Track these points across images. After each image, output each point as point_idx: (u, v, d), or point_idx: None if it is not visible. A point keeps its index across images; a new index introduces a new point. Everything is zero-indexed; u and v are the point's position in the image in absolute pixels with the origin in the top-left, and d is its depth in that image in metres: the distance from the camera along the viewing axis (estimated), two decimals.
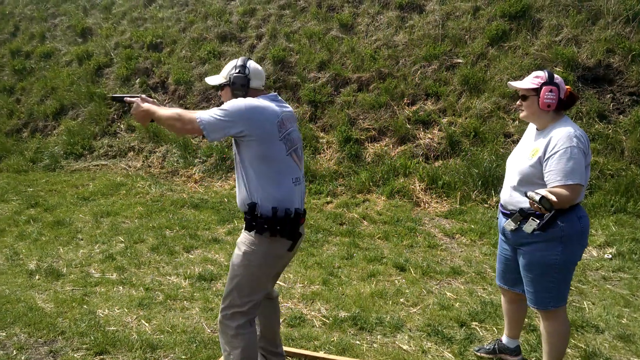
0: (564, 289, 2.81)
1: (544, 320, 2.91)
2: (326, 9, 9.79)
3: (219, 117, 2.42)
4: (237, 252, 2.62)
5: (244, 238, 2.61)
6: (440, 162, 7.23)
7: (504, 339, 3.35)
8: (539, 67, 7.33)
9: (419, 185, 6.91)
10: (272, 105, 2.57)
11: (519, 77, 7.37)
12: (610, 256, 5.11)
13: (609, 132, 6.61)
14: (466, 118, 7.49)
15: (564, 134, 2.62)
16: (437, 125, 7.63)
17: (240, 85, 2.63)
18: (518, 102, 2.87)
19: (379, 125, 7.91)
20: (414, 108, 7.94)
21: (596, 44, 7.24)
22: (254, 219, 2.52)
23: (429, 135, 7.56)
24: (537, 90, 2.73)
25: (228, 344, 2.66)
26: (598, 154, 6.49)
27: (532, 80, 2.78)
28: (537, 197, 2.39)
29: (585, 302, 4.14)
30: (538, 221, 2.59)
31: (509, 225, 2.81)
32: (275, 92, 2.72)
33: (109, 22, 11.83)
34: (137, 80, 10.13)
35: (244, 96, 2.61)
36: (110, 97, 2.98)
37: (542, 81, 2.72)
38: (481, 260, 5.06)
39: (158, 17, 11.28)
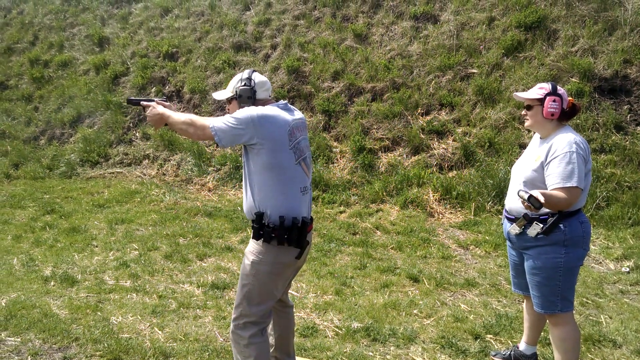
0: (569, 292, 2.88)
1: (554, 327, 2.94)
2: (340, 19, 9.83)
3: (231, 125, 2.46)
4: (246, 262, 2.63)
5: (252, 247, 2.62)
6: (455, 172, 7.19)
7: (522, 345, 3.39)
8: (555, 78, 7.29)
9: (433, 196, 6.87)
10: (282, 113, 2.58)
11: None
12: (627, 269, 5.03)
13: (626, 144, 6.53)
14: (481, 128, 7.45)
15: (564, 140, 2.75)
16: (452, 136, 7.60)
17: (247, 98, 2.66)
18: (523, 112, 3.00)
19: (392, 135, 7.90)
20: (428, 118, 7.92)
21: (613, 54, 7.18)
22: (261, 227, 2.53)
23: (443, 146, 7.53)
24: (541, 101, 2.87)
25: (240, 353, 2.65)
26: (615, 166, 6.41)
27: (536, 91, 2.91)
28: (526, 196, 2.51)
29: (602, 316, 4.07)
30: (542, 225, 2.74)
31: (514, 229, 2.90)
32: (285, 100, 2.72)
33: (126, 31, 11.98)
34: (153, 89, 10.24)
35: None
36: (127, 99, 3.05)
37: (546, 92, 2.86)
38: (496, 272, 5.01)
39: (174, 27, 11.41)
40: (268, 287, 2.62)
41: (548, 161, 2.75)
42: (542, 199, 2.47)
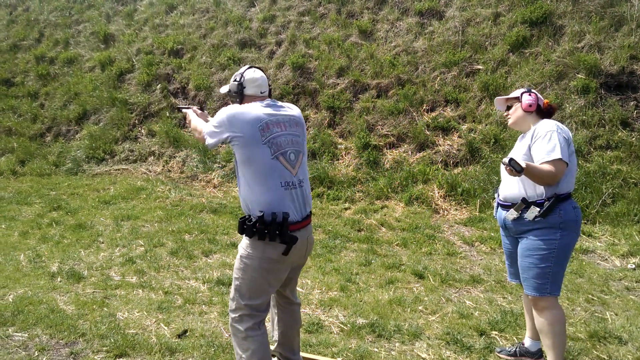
0: (559, 277, 2.98)
1: (541, 312, 3.01)
2: (345, 15, 9.81)
3: (213, 128, 2.64)
4: (237, 256, 2.68)
5: (242, 242, 2.67)
6: (460, 169, 7.18)
7: (526, 341, 3.43)
8: (561, 74, 7.25)
9: (438, 192, 6.87)
10: (257, 110, 2.61)
11: (540, 84, 7.31)
12: (633, 266, 5.01)
13: (632, 140, 6.50)
14: (486, 125, 7.43)
15: (546, 124, 2.97)
16: (457, 132, 7.58)
17: (234, 93, 2.80)
18: (505, 113, 3.28)
19: (397, 132, 7.89)
20: (433, 114, 7.90)
21: (619, 50, 7.14)
22: (244, 222, 2.56)
23: (449, 142, 7.51)
24: (519, 98, 3.16)
25: (239, 346, 2.68)
26: (621, 162, 6.38)
27: (514, 93, 3.24)
28: (507, 160, 2.66)
29: (608, 313, 4.06)
30: (539, 209, 2.89)
31: (511, 214, 3.02)
32: (272, 99, 2.79)
33: (131, 28, 12.00)
34: (158, 86, 10.26)
35: (240, 103, 2.77)
36: (176, 107, 3.36)
37: (523, 91, 3.17)
38: (501, 268, 5.00)
39: (179, 24, 11.42)
40: (258, 283, 2.63)
41: (533, 143, 2.94)
42: (523, 164, 2.63)
